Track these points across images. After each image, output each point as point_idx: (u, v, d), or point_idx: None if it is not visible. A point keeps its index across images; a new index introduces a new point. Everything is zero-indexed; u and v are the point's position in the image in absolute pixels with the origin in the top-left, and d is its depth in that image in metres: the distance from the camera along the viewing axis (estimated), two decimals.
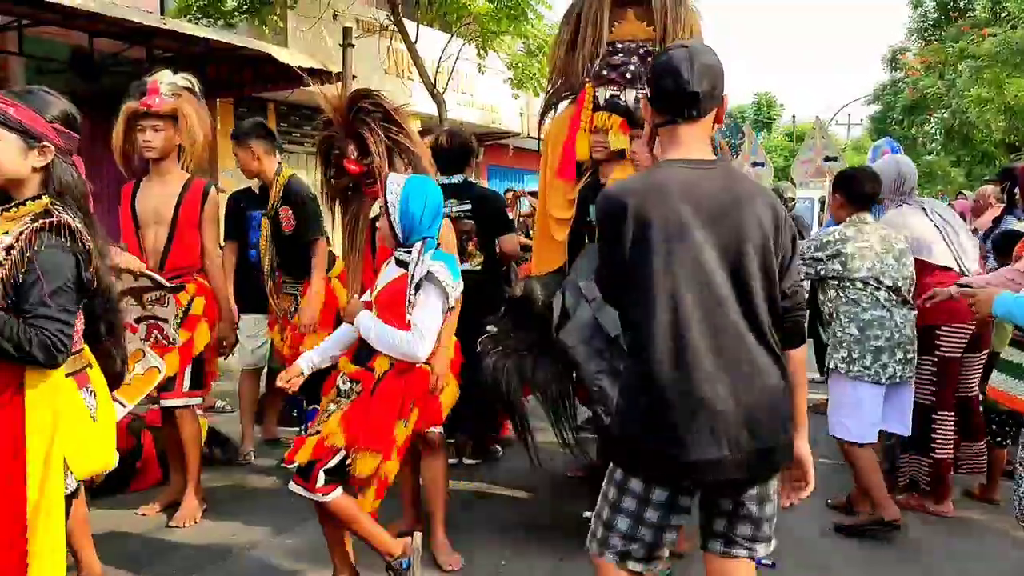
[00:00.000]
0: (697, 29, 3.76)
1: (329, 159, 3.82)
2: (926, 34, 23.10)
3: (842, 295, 3.97)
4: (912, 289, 4.01)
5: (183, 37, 8.39)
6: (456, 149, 4.57)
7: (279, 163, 4.67)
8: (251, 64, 9.45)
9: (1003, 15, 18.06)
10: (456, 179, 4.50)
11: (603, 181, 3.59)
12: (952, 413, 4.20)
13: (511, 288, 3.86)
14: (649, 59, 3.57)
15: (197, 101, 3.94)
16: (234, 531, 3.94)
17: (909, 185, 4.39)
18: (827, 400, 4.29)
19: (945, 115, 20.91)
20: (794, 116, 37.24)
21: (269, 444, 5.27)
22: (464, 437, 4.89)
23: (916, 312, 4.00)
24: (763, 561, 3.52)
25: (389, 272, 3.14)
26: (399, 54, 12.53)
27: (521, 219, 8.99)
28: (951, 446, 4.21)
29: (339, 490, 2.93)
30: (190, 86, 3.91)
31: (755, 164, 13.08)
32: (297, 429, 5.13)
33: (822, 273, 3.97)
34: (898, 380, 3.94)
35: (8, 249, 1.97)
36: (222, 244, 4.63)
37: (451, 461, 4.33)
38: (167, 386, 3.90)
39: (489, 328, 3.65)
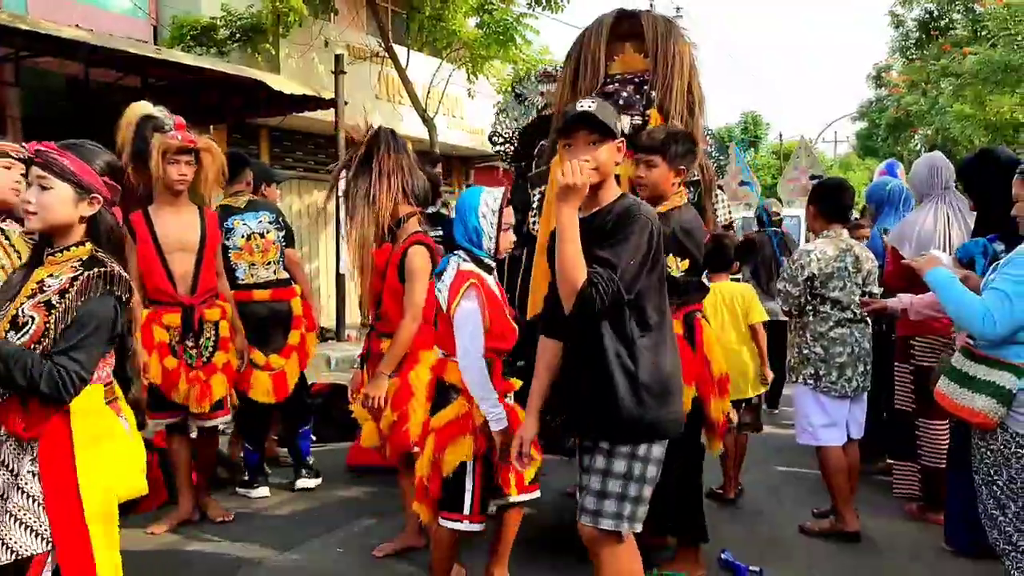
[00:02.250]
0: (688, 57, 3.81)
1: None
2: (908, 52, 23.41)
3: (810, 313, 4.11)
4: None
5: (177, 66, 8.55)
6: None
7: None
8: (244, 92, 9.61)
9: (982, 33, 18.39)
10: (429, 209, 4.73)
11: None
12: (941, 422, 4.22)
13: None
14: (645, 87, 3.69)
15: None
16: (242, 549, 4.03)
17: (943, 178, 4.39)
18: None
19: (929, 132, 21.22)
20: (781, 134, 37.60)
21: (269, 463, 5.35)
22: None
23: (870, 328, 4.17)
24: (751, 568, 3.66)
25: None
26: (390, 79, 12.73)
27: None
28: (943, 456, 4.23)
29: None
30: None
31: (742, 183, 13.23)
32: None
33: (804, 304, 4.09)
34: (860, 391, 4.12)
35: (63, 292, 2.11)
36: None
37: None
38: (218, 405, 4.19)
39: None
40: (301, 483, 4.89)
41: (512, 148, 4.58)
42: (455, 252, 3.13)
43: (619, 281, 2.30)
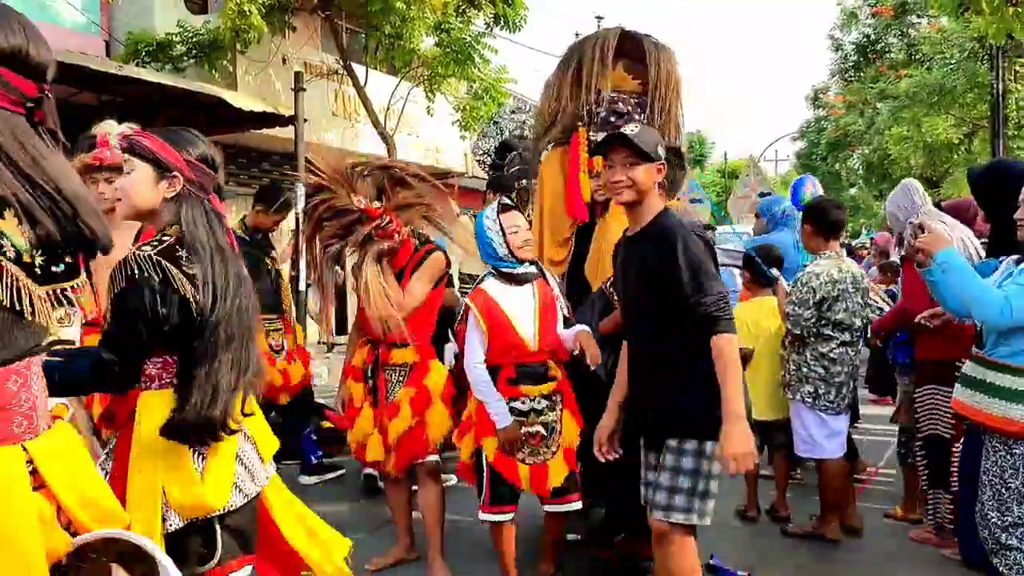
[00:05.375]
0: (679, 85, 3.94)
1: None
2: (847, 75, 24.23)
3: (812, 335, 4.12)
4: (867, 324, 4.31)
5: (135, 82, 8.44)
6: None
7: None
8: (202, 109, 9.51)
9: (917, 56, 19.15)
10: None
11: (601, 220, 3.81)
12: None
13: None
14: (640, 109, 3.80)
15: None
16: None
17: (924, 199, 4.25)
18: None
19: (866, 151, 21.94)
20: (725, 153, 38.47)
21: None
22: None
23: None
24: (739, 572, 3.75)
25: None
26: (348, 97, 12.70)
27: None
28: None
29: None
30: None
31: (693, 200, 13.46)
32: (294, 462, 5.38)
33: (811, 325, 4.08)
34: (849, 405, 4.21)
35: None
36: None
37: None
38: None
39: None
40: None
41: (489, 158, 6.04)
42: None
43: (719, 294, 2.53)
